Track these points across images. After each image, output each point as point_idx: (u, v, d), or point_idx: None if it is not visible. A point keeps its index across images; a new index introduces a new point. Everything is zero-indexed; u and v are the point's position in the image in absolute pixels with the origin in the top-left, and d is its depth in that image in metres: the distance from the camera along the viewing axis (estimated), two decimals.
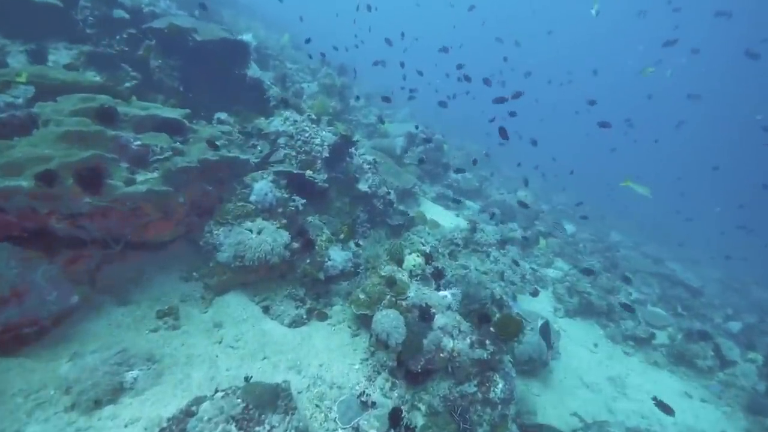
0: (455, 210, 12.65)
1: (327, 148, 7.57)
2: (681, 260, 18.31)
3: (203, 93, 8.21)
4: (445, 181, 13.71)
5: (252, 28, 16.31)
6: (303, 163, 7.50)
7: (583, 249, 12.64)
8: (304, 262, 5.26)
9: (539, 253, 10.92)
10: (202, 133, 5.47)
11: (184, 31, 7.56)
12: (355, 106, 15.86)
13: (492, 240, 8.62)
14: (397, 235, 8.53)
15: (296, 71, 14.40)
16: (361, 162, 8.27)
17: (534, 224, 13.12)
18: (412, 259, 5.52)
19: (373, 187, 8.09)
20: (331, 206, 7.45)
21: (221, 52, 8.20)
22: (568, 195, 22.04)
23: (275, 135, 7.75)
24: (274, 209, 5.33)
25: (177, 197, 4.58)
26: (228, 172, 5.48)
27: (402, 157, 13.11)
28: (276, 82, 11.26)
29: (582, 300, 8.82)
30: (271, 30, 20.00)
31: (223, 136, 5.88)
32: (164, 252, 5.02)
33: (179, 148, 4.80)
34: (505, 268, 8.11)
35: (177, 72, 7.85)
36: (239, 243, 4.63)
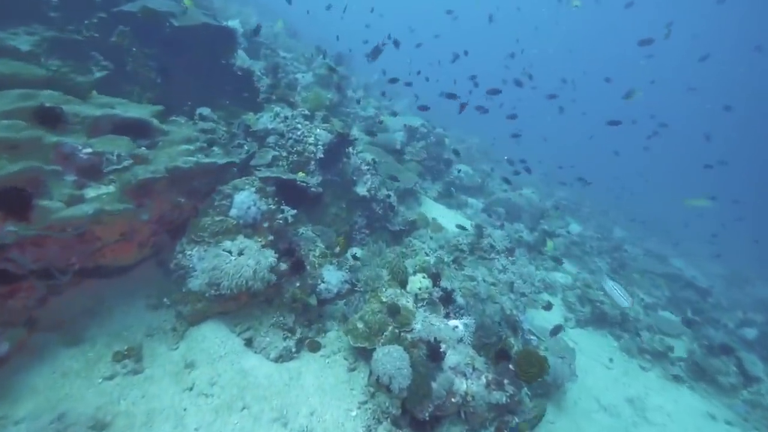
0: (457, 209, 11.89)
1: (321, 148, 6.75)
2: (683, 255, 17.72)
3: (184, 85, 7.32)
4: (447, 178, 12.90)
5: (243, 14, 15.25)
6: (295, 164, 6.68)
7: (590, 249, 11.95)
8: (293, 285, 4.49)
9: (546, 255, 10.20)
10: (174, 135, 4.63)
11: (160, 15, 6.64)
12: (353, 98, 14.94)
13: (500, 247, 7.87)
14: (399, 242, 7.77)
15: (290, 60, 13.42)
16: (359, 162, 7.45)
17: (540, 223, 12.38)
18: (417, 281, 4.77)
19: (372, 190, 7.29)
20: (325, 213, 6.66)
21: (204, 40, 7.29)
22: (570, 190, 21.28)
23: (264, 133, 6.91)
24: (258, 224, 4.54)
25: (139, 215, 3.78)
26: (205, 180, 4.66)
27: (402, 152, 12.28)
28: (267, 72, 10.32)
29: (594, 309, 8.14)
30: (264, 16, 18.82)
31: (202, 137, 5.04)
32: (129, 275, 4.24)
33: (143, 154, 3.98)
34: (515, 278, 7.38)
35: (153, 61, 6.94)
36: (214, 268, 3.85)
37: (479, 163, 18.90)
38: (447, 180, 12.84)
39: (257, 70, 9.83)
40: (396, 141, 12.01)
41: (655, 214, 23.58)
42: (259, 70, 10.07)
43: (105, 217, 3.32)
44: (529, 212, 12.11)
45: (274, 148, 6.76)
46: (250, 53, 11.97)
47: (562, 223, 13.46)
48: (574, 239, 12.23)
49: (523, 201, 12.11)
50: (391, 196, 7.73)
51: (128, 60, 6.86)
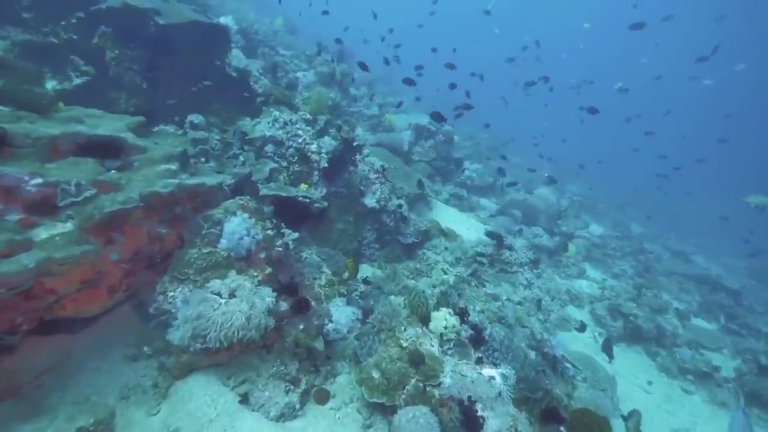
0: (469, 211, 11.12)
1: (325, 156, 6.01)
2: (703, 251, 16.83)
3: (174, 89, 6.60)
4: (457, 179, 12.11)
5: (240, 11, 14.44)
6: (296, 175, 5.96)
7: (612, 252, 11.12)
8: (296, 328, 3.78)
9: (569, 261, 9.42)
10: (154, 152, 3.91)
11: (143, 13, 5.90)
12: (357, 95, 14.15)
13: (523, 259, 7.11)
14: (412, 255, 7.04)
15: (290, 58, 12.64)
16: (367, 170, 6.71)
17: (557, 224, 11.57)
18: (442, 318, 4.04)
19: (381, 201, 6.55)
20: (331, 229, 5.93)
21: (194, 39, 6.55)
22: (582, 185, 20.38)
23: (261, 141, 6.18)
24: (253, 255, 3.83)
25: (107, 255, 3.08)
26: (191, 205, 3.95)
27: (410, 153, 11.51)
28: (266, 72, 9.58)
29: (627, 324, 7.36)
30: (263, 13, 17.96)
31: (191, 149, 4.32)
32: (104, 320, 3.56)
33: (111, 180, 3.27)
34: (542, 294, 6.62)
35: (138, 65, 6.22)
36: (199, 317, 3.15)
37: (488, 159, 18.06)
38: (458, 181, 12.05)
39: (255, 70, 9.08)
40: (403, 141, 11.25)
41: (673, 209, 22.57)
42: (257, 70, 9.32)
43: (55, 267, 2.62)
44: (546, 213, 11.30)
45: (272, 158, 6.04)
46: (248, 52, 11.20)
47: (580, 223, 12.65)
48: (595, 241, 11.42)
49: (539, 201, 11.30)
50: (403, 205, 6.99)
51: (111, 63, 6.14)
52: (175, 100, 6.58)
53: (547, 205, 11.32)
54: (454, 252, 7.53)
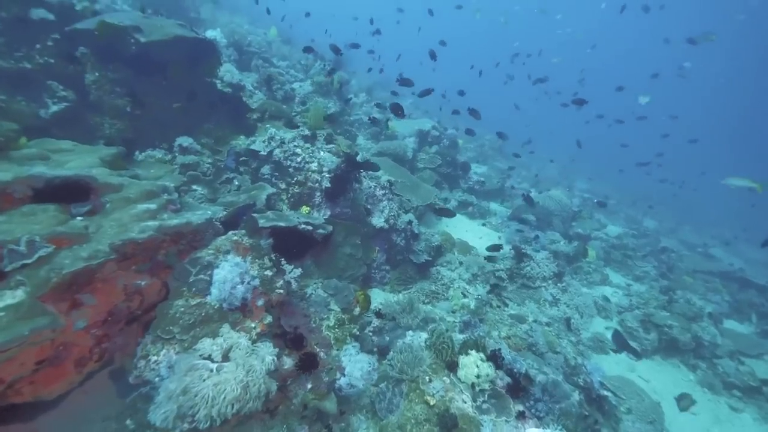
0: (480, 218, 10.52)
1: (327, 175, 5.44)
2: (721, 242, 16.10)
3: (161, 110, 6.06)
4: (465, 185, 11.50)
5: (233, 23, 13.96)
6: (296, 198, 5.40)
7: (632, 253, 10.46)
8: (303, 387, 3.20)
9: (590, 267, 8.78)
10: (130, 190, 3.36)
11: (122, 31, 5.37)
12: (356, 103, 13.60)
13: (546, 272, 6.49)
14: (425, 274, 6.44)
15: (286, 69, 12.11)
16: (373, 186, 6.13)
17: (572, 226, 10.94)
18: (472, 365, 3.44)
19: (390, 220, 5.97)
20: (337, 255, 5.36)
21: (180, 56, 6.01)
22: (593, 183, 19.71)
23: (257, 162, 5.63)
24: (250, 304, 3.25)
25: (71, 323, 2.52)
26: (175, 248, 3.39)
27: (415, 160, 10.92)
28: (260, 85, 9.05)
29: (662, 336, 6.72)
30: (257, 24, 17.47)
31: (178, 178, 3.75)
32: (75, 395, 3.00)
33: (74, 231, 2.71)
34: (571, 311, 6.01)
35: (121, 86, 5.69)
36: (185, 391, 2.58)
37: (493, 160, 17.46)
38: (466, 187, 11.44)
39: (249, 84, 8.54)
40: (407, 148, 10.66)
41: (683, 199, 21.81)
42: (251, 83, 8.78)
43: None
44: (560, 215, 10.66)
45: (270, 180, 5.49)
46: (242, 65, 10.69)
47: (595, 224, 12.00)
48: (614, 242, 10.77)
49: (551, 203, 10.67)
50: (413, 222, 6.40)
51: (91, 87, 5.62)
52: (163, 122, 6.04)
53: (561, 207, 10.69)
54: (470, 267, 6.93)
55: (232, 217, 4.18)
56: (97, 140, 5.79)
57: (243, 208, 4.13)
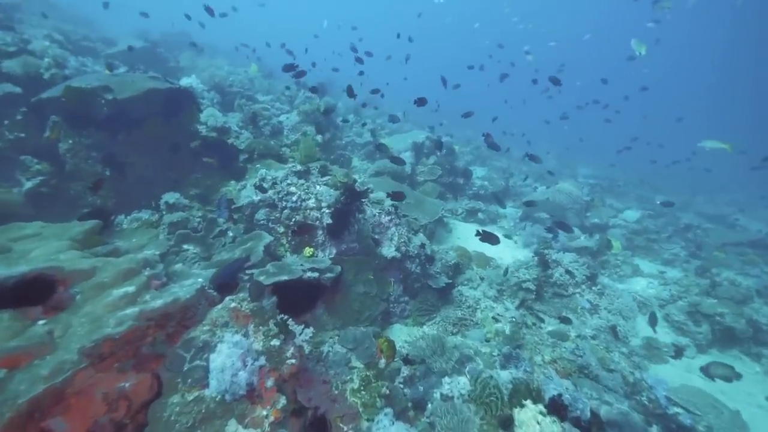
0: (492, 224, 9.97)
1: (327, 211, 4.95)
2: (740, 209, 15.38)
3: (144, 168, 5.65)
4: (469, 191, 10.99)
5: (212, 66, 13.77)
6: (297, 241, 4.90)
7: (656, 236, 9.83)
8: None
9: (617, 260, 8.16)
10: (104, 273, 2.87)
11: (91, 93, 4.99)
12: (346, 125, 13.23)
13: (578, 276, 5.91)
14: (447, 299, 5.88)
15: (271, 103, 11.81)
16: (378, 213, 5.63)
17: (587, 217, 10.35)
18: (532, 421, 2.85)
19: (401, 246, 5.44)
20: (350, 296, 4.82)
21: (156, 108, 5.63)
22: (594, 167, 19.13)
23: (251, 208, 5.16)
24: (257, 388, 2.72)
25: None
26: (164, 332, 2.88)
27: (414, 174, 10.46)
28: (246, 124, 8.68)
29: (714, 326, 6.07)
30: (237, 64, 17.33)
31: (152, 260, 3.27)
32: None
33: (33, 342, 2.22)
34: (614, 317, 5.40)
35: (97, 150, 5.29)
36: None
37: (492, 160, 16.98)
38: (470, 193, 10.93)
39: (235, 124, 8.17)
40: (405, 164, 10.19)
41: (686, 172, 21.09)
42: (236, 124, 8.41)
43: None
44: (573, 208, 10.09)
45: (266, 225, 5.00)
46: (226, 107, 10.38)
47: (610, 211, 11.40)
48: (634, 227, 10.14)
49: (563, 198, 10.11)
50: (425, 244, 5.87)
51: (65, 155, 5.22)
52: (148, 180, 5.63)
53: (573, 200, 10.12)
54: (493, 282, 6.37)
55: (227, 277, 3.68)
56: (79, 210, 5.37)
57: (236, 265, 3.62)
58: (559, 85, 8.04)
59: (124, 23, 19.25)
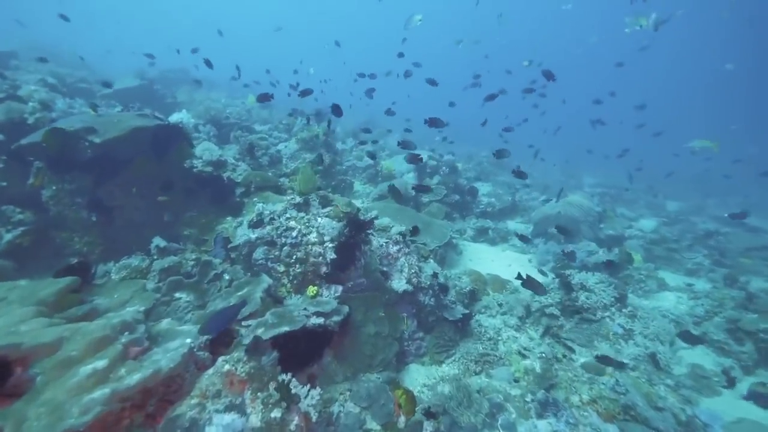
0: (503, 243, 9.49)
1: (330, 245, 4.53)
2: (753, 211, 14.81)
3: (134, 211, 5.28)
4: (477, 209, 10.57)
5: (209, 99, 13.71)
6: (300, 279, 4.46)
7: (677, 245, 9.31)
8: None
9: (641, 274, 7.63)
10: (71, 346, 2.44)
11: (73, 136, 4.68)
12: (345, 150, 12.99)
13: (606, 298, 5.40)
14: (466, 331, 5.36)
15: (269, 132, 11.61)
16: (385, 244, 5.19)
17: (600, 229, 9.87)
18: None
19: (413, 278, 4.98)
20: (359, 339, 4.34)
21: (144, 147, 5.31)
22: (599, 176, 18.73)
23: (248, 248, 4.74)
24: None
25: None
26: (143, 412, 2.41)
27: (418, 195, 10.07)
28: (243, 156, 8.40)
29: (759, 344, 5.48)
30: (236, 95, 17.32)
31: (131, 322, 2.83)
32: None
33: None
34: (652, 343, 4.86)
35: (82, 196, 4.95)
36: None
37: (495, 176, 16.63)
38: (478, 212, 10.51)
39: (231, 157, 7.88)
40: (408, 185, 9.84)
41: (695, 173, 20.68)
42: (232, 156, 8.12)
43: None
44: (586, 221, 9.62)
45: (265, 266, 4.57)
46: (223, 139, 10.16)
47: (624, 221, 10.91)
48: (652, 237, 9.63)
49: (574, 210, 9.66)
50: (438, 273, 5.41)
51: (49, 203, 4.87)
52: (138, 223, 5.25)
53: (585, 212, 9.67)
54: (513, 308, 5.86)
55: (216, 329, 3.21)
56: (67, 258, 4.98)
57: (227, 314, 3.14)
58: (554, 80, 7.55)
59: (127, 64, 19.42)
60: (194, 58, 10.78)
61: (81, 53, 18.97)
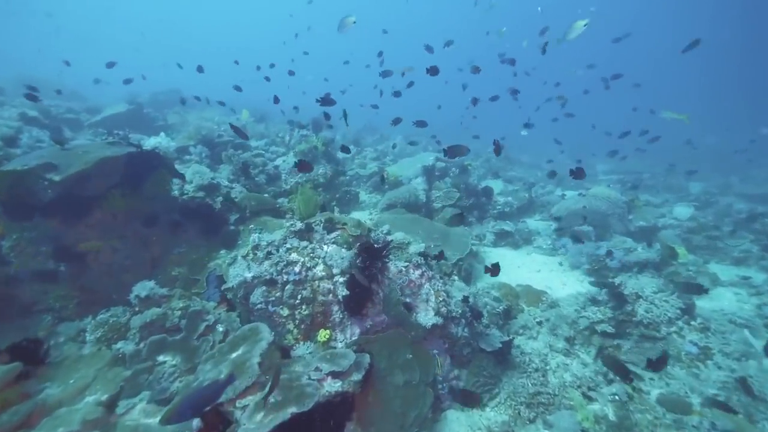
0: (526, 245, 8.60)
1: (341, 279, 3.71)
2: None
3: (110, 253, 4.50)
4: (493, 210, 9.69)
5: (202, 119, 12.99)
6: (308, 323, 3.64)
7: (718, 232, 8.34)
8: None
9: (688, 270, 6.70)
10: None
11: (28, 176, 3.91)
12: (347, 158, 12.17)
13: (670, 311, 4.49)
14: (507, 362, 4.49)
15: (266, 147, 10.85)
16: (404, 269, 4.34)
17: (630, 220, 8.93)
18: None
19: (441, 307, 4.12)
20: (387, 394, 3.48)
21: (115, 180, 4.53)
22: (616, 162, 17.65)
23: (244, 289, 3.93)
24: None
25: None
26: None
27: (430, 201, 9.22)
28: (237, 176, 7.61)
29: None
30: (230, 112, 16.59)
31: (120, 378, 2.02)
32: None
33: None
34: (738, 364, 3.95)
35: (46, 243, 4.17)
36: None
37: (504, 171, 15.73)
38: (494, 213, 9.62)
39: (224, 179, 7.10)
40: (417, 192, 9.00)
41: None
42: (226, 178, 7.35)
43: None
44: (615, 213, 8.69)
45: (266, 311, 3.75)
46: (216, 159, 9.38)
47: (655, 210, 9.96)
48: (689, 225, 8.68)
49: (601, 203, 8.74)
50: (469, 296, 4.54)
51: (9, 256, 4.10)
52: (118, 267, 4.46)
53: (612, 204, 8.75)
54: (557, 327, 4.99)
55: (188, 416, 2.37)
56: (39, 316, 4.21)
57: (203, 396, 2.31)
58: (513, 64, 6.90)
59: (124, 90, 18.76)
60: (185, 77, 10.07)
61: (74, 84, 18.37)
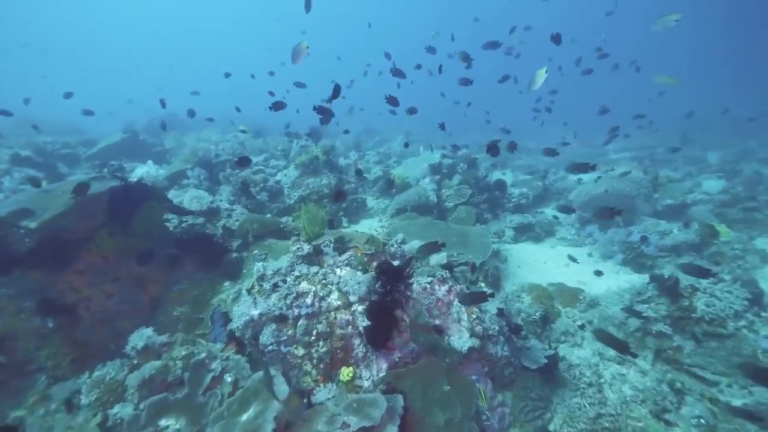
0: (549, 237, 7.99)
1: (360, 307, 3.19)
2: None
3: (103, 300, 4.03)
4: (508, 204, 9.09)
5: (200, 139, 12.61)
6: (327, 361, 3.13)
7: (754, 203, 7.64)
8: None
9: (733, 249, 6.05)
10: None
11: (0, 226, 3.46)
12: (350, 165, 11.66)
13: (735, 303, 3.88)
14: (554, 380, 3.93)
15: (265, 161, 10.41)
16: (429, 286, 3.79)
17: (656, 199, 8.27)
18: None
19: (476, 326, 3.57)
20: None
21: (99, 218, 4.06)
22: (629, 139, 16.90)
23: (251, 329, 3.43)
24: None
25: None
26: None
27: (441, 201, 8.66)
28: (238, 196, 7.15)
29: None
30: (228, 130, 16.16)
31: None
32: None
33: None
34: None
35: (30, 298, 3.72)
36: None
37: (511, 161, 15.11)
38: (510, 206, 9.03)
39: (224, 201, 6.65)
40: (428, 193, 8.46)
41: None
42: (226, 200, 6.89)
43: None
44: (641, 194, 8.05)
45: (278, 352, 3.24)
46: (216, 180, 8.94)
47: (682, 187, 9.27)
48: (721, 198, 8.00)
49: (625, 185, 8.11)
50: (504, 309, 3.98)
51: None
52: (114, 314, 3.99)
53: (637, 185, 8.10)
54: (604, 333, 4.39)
55: None
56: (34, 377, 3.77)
57: None
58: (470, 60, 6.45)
59: (118, 120, 18.44)
60: (181, 100, 9.64)
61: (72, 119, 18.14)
